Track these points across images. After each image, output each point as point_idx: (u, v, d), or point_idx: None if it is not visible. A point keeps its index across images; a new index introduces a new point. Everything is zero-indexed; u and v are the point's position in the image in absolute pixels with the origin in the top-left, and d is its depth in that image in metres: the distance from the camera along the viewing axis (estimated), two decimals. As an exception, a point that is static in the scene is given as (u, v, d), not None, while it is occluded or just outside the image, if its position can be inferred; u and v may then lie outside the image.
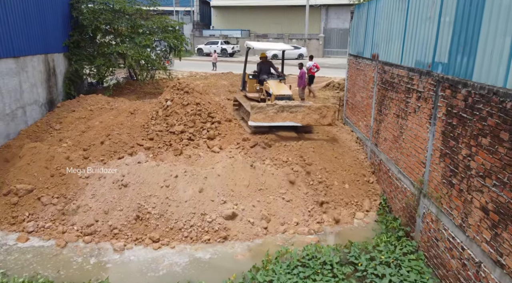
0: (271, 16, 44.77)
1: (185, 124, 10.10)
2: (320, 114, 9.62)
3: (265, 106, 9.50)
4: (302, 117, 9.51)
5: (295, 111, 9.51)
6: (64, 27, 13.42)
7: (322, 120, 9.65)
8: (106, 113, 11.63)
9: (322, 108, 9.64)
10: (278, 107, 9.46)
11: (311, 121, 9.61)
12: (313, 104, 9.85)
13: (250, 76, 12.17)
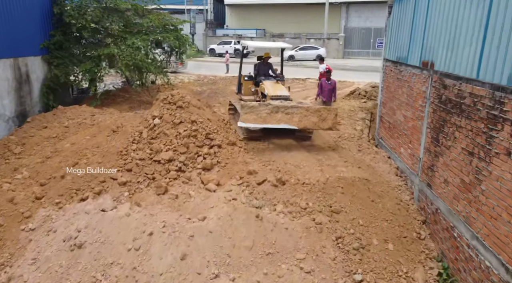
0: (288, 14, 42.33)
1: (175, 149, 7.87)
2: (320, 117, 8.48)
3: (257, 105, 8.42)
4: (299, 119, 8.40)
5: (292, 113, 8.39)
6: (44, 25, 11.39)
7: (322, 123, 8.51)
8: (83, 131, 9.51)
9: (322, 110, 8.55)
10: (272, 107, 8.39)
11: (308, 125, 8.52)
12: (312, 106, 8.76)
13: (245, 78, 10.96)
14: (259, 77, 10.72)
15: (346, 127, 10.71)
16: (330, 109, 8.66)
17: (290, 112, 8.44)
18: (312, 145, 9.22)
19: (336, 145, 9.27)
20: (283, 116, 8.44)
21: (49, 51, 11.69)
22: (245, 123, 8.50)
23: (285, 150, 8.87)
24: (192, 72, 23.48)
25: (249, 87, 10.81)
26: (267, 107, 8.45)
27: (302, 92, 17.15)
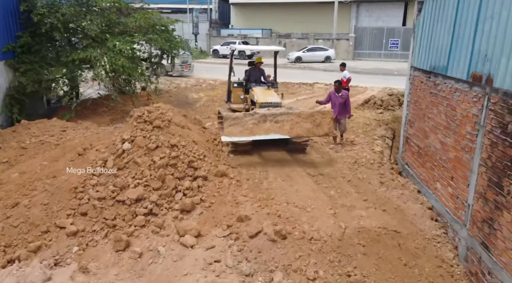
0: (295, 14, 40.44)
1: (146, 184, 6.16)
2: (313, 123, 7.56)
3: (241, 116, 7.47)
4: (290, 127, 7.47)
5: (281, 121, 7.46)
6: (7, 25, 9.75)
7: (316, 130, 7.59)
8: (43, 153, 7.82)
9: (316, 115, 7.60)
10: (258, 116, 7.43)
11: (302, 132, 7.59)
12: (304, 111, 7.84)
13: (235, 85, 9.90)
14: (249, 83, 9.67)
15: (363, 148, 8.90)
16: (325, 113, 7.66)
17: (280, 120, 7.45)
18: (321, 173, 7.44)
19: (352, 173, 7.47)
20: (272, 125, 7.45)
21: (15, 56, 10.03)
22: (230, 137, 7.44)
23: (287, 179, 7.11)
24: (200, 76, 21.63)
25: (238, 94, 9.71)
26: (253, 117, 7.40)
27: (310, 99, 15.31)
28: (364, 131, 10.51)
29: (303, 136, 7.94)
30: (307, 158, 8.26)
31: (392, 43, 33.69)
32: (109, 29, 11.20)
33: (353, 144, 9.21)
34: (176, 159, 6.69)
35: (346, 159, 8.17)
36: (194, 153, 7.01)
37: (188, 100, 14.68)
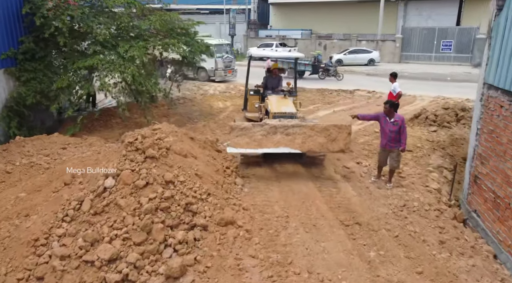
0: (338, 13, 38.20)
1: (125, 238, 4.75)
2: (328, 137, 6.96)
3: (250, 127, 6.95)
4: (302, 141, 6.92)
5: (293, 133, 6.92)
6: (8, 29, 8.79)
7: (331, 145, 6.97)
8: (28, 180, 6.69)
9: (331, 128, 7.01)
10: (268, 127, 6.91)
11: (314, 147, 6.96)
12: (318, 124, 7.22)
13: (251, 92, 9.48)
14: (266, 91, 9.19)
15: (414, 184, 7.03)
16: (341, 127, 7.01)
17: (291, 132, 6.89)
18: (358, 221, 5.70)
19: (400, 224, 5.67)
20: (283, 138, 6.88)
21: (18, 63, 9.08)
22: (236, 148, 6.88)
23: (312, 230, 5.45)
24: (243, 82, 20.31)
25: (253, 102, 9.28)
26: (262, 128, 6.89)
27: (349, 111, 13.42)
28: (415, 157, 8.58)
29: (315, 152, 7.21)
30: (341, 196, 6.53)
31: (445, 45, 30.67)
32: (120, 34, 10.02)
33: (401, 177, 7.36)
34: (170, 201, 5.26)
35: (392, 200, 6.36)
36: (195, 191, 5.55)
37: (212, 110, 13.31)
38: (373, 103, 14.67)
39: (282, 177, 7.25)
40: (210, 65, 19.56)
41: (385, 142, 6.79)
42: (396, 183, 7.10)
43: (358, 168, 7.82)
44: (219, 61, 19.84)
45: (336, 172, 7.67)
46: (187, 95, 15.71)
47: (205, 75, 20.15)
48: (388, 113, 6.75)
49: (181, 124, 11.44)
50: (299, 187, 6.77)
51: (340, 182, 7.13)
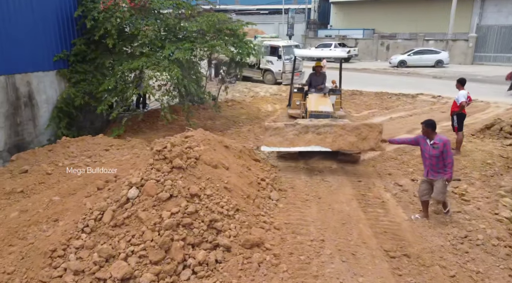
0: (403, 12, 35.88)
1: (142, 255, 4.43)
2: (359, 136, 7.10)
3: (283, 127, 7.40)
4: (332, 140, 7.14)
5: (324, 133, 7.19)
6: (61, 32, 9.10)
7: (361, 143, 7.12)
8: (66, 182, 6.74)
9: (362, 127, 7.17)
10: (300, 127, 7.27)
11: (344, 146, 7.15)
12: (349, 123, 7.46)
13: (295, 90, 9.82)
14: (310, 89, 9.54)
15: (480, 209, 5.98)
16: (372, 126, 7.27)
17: (323, 132, 7.22)
18: (406, 253, 4.88)
19: (458, 261, 4.74)
20: (314, 137, 7.22)
21: (70, 65, 9.34)
22: (269, 147, 7.37)
23: (349, 259, 4.75)
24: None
25: (294, 100, 9.68)
26: (294, 128, 7.33)
27: (409, 118, 12.24)
28: (483, 175, 7.40)
29: (346, 151, 7.44)
30: (388, 220, 5.72)
31: (528, 45, 27.36)
32: (167, 35, 9.93)
33: (464, 200, 6.31)
34: (194, 216, 4.88)
35: (451, 230, 5.41)
36: (222, 206, 5.13)
37: (260, 114, 12.86)
38: (437, 110, 13.27)
39: (323, 193, 6.58)
40: (277, 68, 18.87)
41: (427, 169, 5.63)
42: (456, 206, 6.09)
43: (412, 185, 6.88)
44: (287, 64, 18.85)
45: (386, 189, 6.83)
46: (236, 97, 15.44)
47: (271, 78, 19.45)
48: (426, 134, 5.55)
49: (225, 127, 11.16)
50: (340, 206, 6.07)
51: (390, 202, 6.29)
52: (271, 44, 19.28)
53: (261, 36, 20.57)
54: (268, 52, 19.15)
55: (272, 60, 19.10)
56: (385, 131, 10.62)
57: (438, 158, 5.42)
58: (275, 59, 18.90)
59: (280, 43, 19.20)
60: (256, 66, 19.62)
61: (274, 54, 18.90)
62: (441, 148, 5.36)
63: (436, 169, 5.50)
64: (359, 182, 7.10)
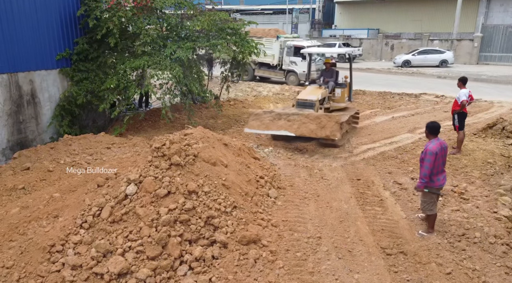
0: (408, 11, 35.76)
1: (139, 251, 4.48)
2: (318, 125, 8.35)
3: (261, 113, 9.21)
4: (297, 126, 8.45)
5: (292, 120, 8.59)
6: (64, 31, 9.19)
7: (320, 131, 8.28)
8: (66, 179, 6.80)
9: (322, 117, 8.50)
10: (274, 114, 8.93)
11: (306, 132, 8.38)
12: (313, 113, 8.86)
13: (306, 84, 10.70)
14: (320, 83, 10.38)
15: (479, 208, 5.95)
16: (331, 117, 8.46)
17: (291, 119, 8.56)
18: (403, 250, 4.87)
19: (455, 259, 4.74)
20: (284, 123, 8.57)
21: (72, 63, 9.42)
22: (250, 129, 8.96)
23: (346, 256, 4.77)
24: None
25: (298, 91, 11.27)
26: (270, 115, 8.92)
27: (411, 118, 12.20)
28: (483, 174, 7.37)
29: (306, 136, 8.41)
30: (386, 218, 5.72)
31: (534, 45, 27.15)
32: (169, 35, 9.98)
33: (463, 198, 6.29)
34: (191, 213, 4.92)
35: (448, 227, 5.40)
36: (219, 203, 5.17)
37: (261, 113, 12.86)
38: (439, 110, 13.21)
39: (322, 191, 6.59)
40: (301, 69, 18.05)
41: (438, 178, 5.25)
42: (455, 204, 6.08)
43: (412, 184, 6.86)
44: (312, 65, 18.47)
45: (386, 188, 6.82)
46: (239, 96, 15.48)
47: (295, 79, 18.90)
48: (427, 136, 5.30)
49: (227, 126, 11.19)
50: (339, 204, 6.08)
51: (388, 201, 6.29)
52: (295, 45, 18.63)
53: (284, 36, 19.89)
54: (291, 53, 18.69)
55: (296, 61, 18.65)
56: (387, 130, 10.71)
57: (421, 162, 5.19)
58: (299, 60, 18.35)
59: (305, 44, 18.67)
60: (278, 67, 19.29)
61: (298, 55, 18.15)
62: (422, 155, 5.13)
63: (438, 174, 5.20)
64: (358, 180, 7.10)
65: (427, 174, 5.02)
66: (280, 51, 19.20)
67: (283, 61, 19.02)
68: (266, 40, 19.29)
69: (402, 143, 9.52)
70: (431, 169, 4.99)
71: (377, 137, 9.92)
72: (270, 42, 19.37)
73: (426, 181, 5.07)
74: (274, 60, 19.43)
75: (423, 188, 5.12)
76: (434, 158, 4.95)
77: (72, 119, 9.29)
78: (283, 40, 19.23)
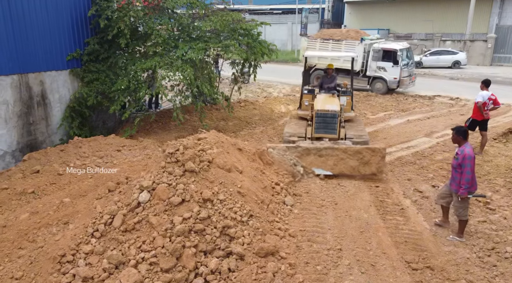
0: (419, 11, 35.20)
1: (153, 262, 4.28)
2: (361, 160, 6.98)
3: (284, 149, 7.28)
4: (334, 163, 7.06)
5: (325, 155, 7.08)
6: (75, 31, 9.04)
7: (363, 168, 7.00)
8: (77, 183, 6.64)
9: (364, 151, 6.97)
10: (301, 150, 7.20)
11: (346, 170, 7.06)
12: (351, 146, 7.24)
13: (305, 92, 9.87)
14: (321, 91, 9.63)
15: (507, 219, 5.66)
16: (375, 150, 7.01)
17: (324, 154, 7.15)
18: (430, 265, 4.61)
19: (486, 276, 4.47)
20: (316, 159, 7.18)
21: (83, 64, 9.28)
22: None
23: (368, 270, 4.53)
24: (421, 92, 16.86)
25: (303, 101, 9.70)
26: (296, 150, 7.28)
27: (427, 121, 11.87)
28: (508, 182, 7.07)
29: (346, 175, 7.14)
30: (409, 228, 5.46)
31: (550, 45, 26.56)
32: (181, 35, 9.79)
33: (489, 209, 6.01)
34: (206, 222, 4.71)
35: (476, 240, 5.12)
36: (235, 212, 4.95)
37: (273, 115, 12.66)
38: (456, 113, 12.86)
39: (339, 198, 6.35)
40: (392, 75, 16.21)
41: (450, 181, 5.33)
42: (481, 216, 5.80)
43: (433, 192, 6.59)
44: (404, 70, 16.32)
45: (406, 196, 6.56)
46: (249, 97, 15.27)
47: (382, 87, 16.70)
48: (456, 142, 5.22)
49: (238, 129, 10.98)
50: (358, 213, 5.83)
51: (410, 210, 6.03)
52: (385, 48, 16.49)
53: (369, 38, 17.59)
54: (379, 57, 16.48)
55: (385, 67, 16.44)
56: (403, 134, 10.42)
57: (456, 169, 5.11)
58: (390, 66, 16.20)
59: (397, 47, 16.46)
60: (362, 74, 17.05)
61: (389, 59, 16.24)
62: (460, 161, 5.01)
63: (454, 180, 5.19)
64: (377, 187, 6.84)
65: (470, 178, 4.95)
66: (364, 55, 16.93)
67: (368, 66, 16.86)
68: (346, 43, 17.26)
69: (420, 147, 9.23)
70: (473, 173, 4.94)
71: (393, 142, 9.64)
72: (351, 45, 17.07)
73: (469, 187, 4.99)
74: (356, 66, 16.67)
75: (467, 194, 5.01)
76: (474, 161, 4.93)
77: (82, 121, 9.14)
78: (368, 43, 17.04)
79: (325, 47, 17.82)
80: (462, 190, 4.99)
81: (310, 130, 8.48)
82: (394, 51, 16.03)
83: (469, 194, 5.04)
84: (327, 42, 17.77)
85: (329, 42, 17.70)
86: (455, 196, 5.20)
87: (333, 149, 7.10)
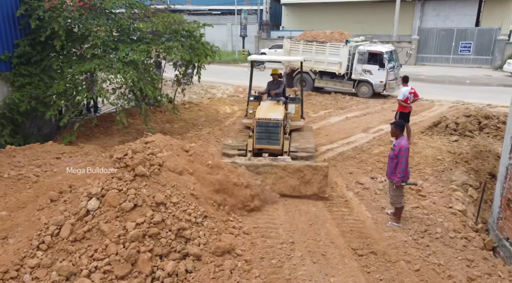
0: (351, 14, 37.25)
1: (107, 270, 4.18)
2: (301, 179, 6.42)
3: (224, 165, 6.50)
4: (272, 182, 6.45)
5: (263, 172, 6.47)
6: (4, 32, 8.35)
7: (304, 188, 6.43)
8: (13, 195, 6.20)
9: (305, 169, 6.40)
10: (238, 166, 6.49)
11: (285, 190, 6.45)
12: (291, 163, 6.59)
13: (251, 98, 9.36)
14: (268, 98, 9.10)
15: (436, 204, 6.32)
16: (317, 168, 6.40)
17: (262, 171, 6.47)
18: (374, 250, 5.02)
19: (421, 255, 4.96)
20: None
21: (13, 67, 8.64)
22: None
23: (320, 260, 4.81)
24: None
25: (248, 108, 9.17)
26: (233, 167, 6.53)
27: (363, 117, 12.69)
28: (435, 171, 7.84)
29: (286, 195, 6.46)
30: (353, 218, 5.87)
31: (464, 47, 29.51)
32: (121, 37, 9.50)
33: (421, 195, 6.64)
34: (160, 225, 4.69)
35: (412, 225, 5.65)
36: (189, 213, 4.98)
37: (218, 116, 12.72)
38: (388, 109, 13.89)
39: (289, 194, 6.61)
40: (378, 79, 15.94)
41: (387, 170, 5.83)
42: (415, 202, 6.39)
43: (372, 183, 7.12)
44: (390, 73, 16.03)
45: (349, 188, 7.01)
46: (193, 99, 15.18)
47: (367, 91, 16.40)
48: (394, 135, 5.70)
49: (184, 131, 10.89)
50: (307, 207, 6.14)
51: (353, 201, 6.46)
52: (370, 50, 16.12)
53: (354, 40, 17.12)
54: (365, 60, 16.12)
55: (371, 70, 16.08)
56: (343, 130, 11.04)
57: (392, 159, 5.58)
58: (376, 68, 15.89)
59: (383, 49, 16.10)
60: (346, 77, 16.67)
61: (374, 62, 15.95)
62: (396, 151, 5.48)
63: (389, 170, 5.69)
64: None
65: (404, 168, 5.43)
66: (349, 58, 16.48)
67: (354, 69, 16.43)
68: (330, 45, 16.78)
69: (358, 142, 9.86)
70: (407, 163, 5.43)
71: (334, 138, 10.18)
72: (336, 47, 16.63)
73: (403, 176, 5.47)
74: (341, 69, 16.54)
75: (401, 182, 5.47)
76: (408, 153, 5.42)
77: (14, 128, 8.51)
78: (354, 45, 16.61)
79: (308, 50, 17.24)
80: (397, 178, 5.48)
81: (251, 142, 7.77)
82: (380, 54, 15.81)
83: (403, 182, 5.54)
84: (311, 44, 17.27)
85: (313, 44, 17.22)
86: (390, 184, 5.69)
87: (271, 166, 6.44)
